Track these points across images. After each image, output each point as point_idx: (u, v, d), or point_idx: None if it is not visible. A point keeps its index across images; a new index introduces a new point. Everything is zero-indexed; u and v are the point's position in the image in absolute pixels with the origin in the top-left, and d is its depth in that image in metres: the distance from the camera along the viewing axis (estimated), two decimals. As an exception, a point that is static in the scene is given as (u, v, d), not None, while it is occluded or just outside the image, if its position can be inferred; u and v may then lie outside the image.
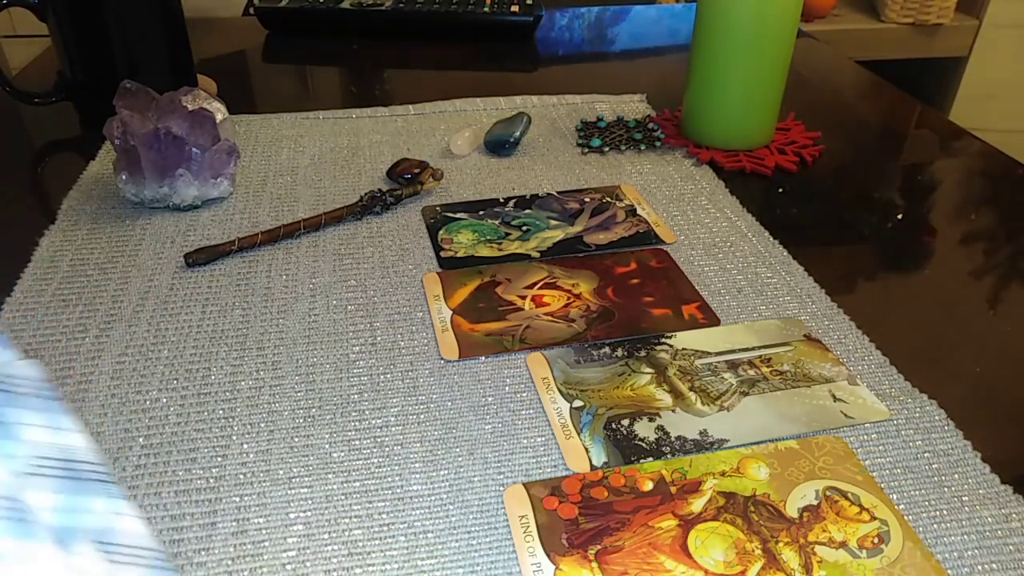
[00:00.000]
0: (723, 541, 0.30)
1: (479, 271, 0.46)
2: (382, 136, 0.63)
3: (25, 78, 0.74)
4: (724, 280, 0.46)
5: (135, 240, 0.49)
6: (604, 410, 0.37)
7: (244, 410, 0.36)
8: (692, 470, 0.34)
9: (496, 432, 0.36)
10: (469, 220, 0.51)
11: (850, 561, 0.30)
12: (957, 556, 0.30)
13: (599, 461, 0.34)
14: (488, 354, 0.40)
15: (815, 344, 0.41)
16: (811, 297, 0.45)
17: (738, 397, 0.37)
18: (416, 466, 0.34)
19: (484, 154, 0.61)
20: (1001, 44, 1.56)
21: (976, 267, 0.49)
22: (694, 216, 0.53)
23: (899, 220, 0.54)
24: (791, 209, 0.55)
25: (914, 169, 0.62)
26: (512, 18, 0.84)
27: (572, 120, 0.66)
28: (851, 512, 0.32)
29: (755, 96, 0.59)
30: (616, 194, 0.55)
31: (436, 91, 0.70)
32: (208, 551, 0.30)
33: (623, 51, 0.85)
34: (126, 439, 0.35)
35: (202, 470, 0.33)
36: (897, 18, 1.52)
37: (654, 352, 0.40)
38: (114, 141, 0.49)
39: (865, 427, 0.36)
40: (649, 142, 0.62)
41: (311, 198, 0.54)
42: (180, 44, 0.63)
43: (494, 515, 0.32)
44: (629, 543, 0.30)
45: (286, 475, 0.33)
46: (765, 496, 0.32)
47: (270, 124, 0.64)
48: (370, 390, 0.38)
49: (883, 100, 0.75)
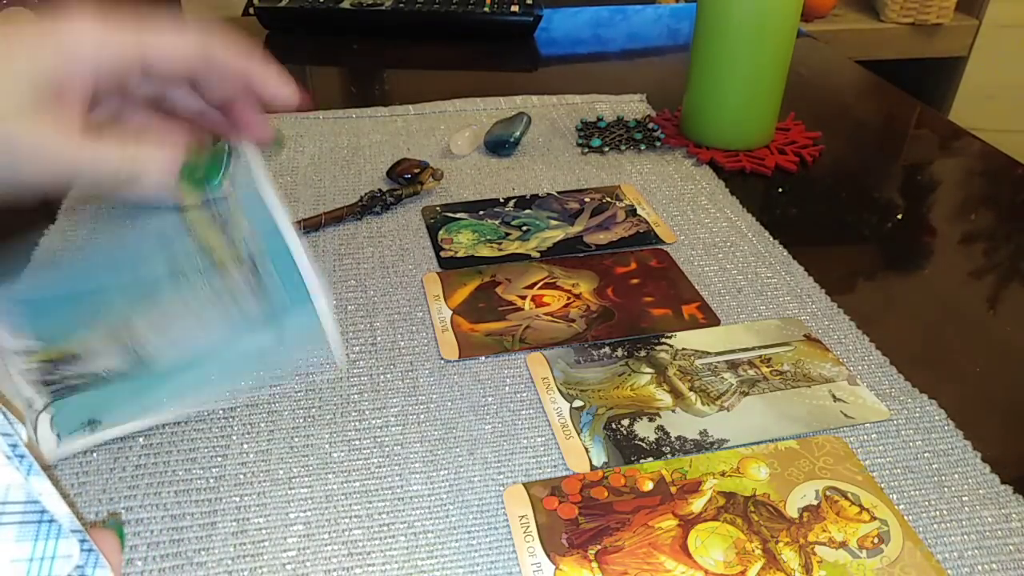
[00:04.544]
0: (723, 541, 0.30)
1: (479, 271, 0.46)
2: (382, 136, 0.63)
3: (25, 78, 0.74)
4: (724, 280, 0.46)
5: (135, 240, 0.49)
6: (604, 410, 0.37)
7: (244, 410, 0.36)
8: (692, 470, 0.34)
9: (496, 432, 0.36)
10: (469, 220, 0.51)
11: (850, 561, 0.30)
12: (957, 556, 0.30)
13: (599, 461, 0.34)
14: (488, 354, 0.40)
15: (815, 344, 0.41)
16: (811, 297, 0.45)
17: (738, 397, 0.37)
18: (416, 466, 0.34)
19: (484, 154, 0.61)
20: (1001, 44, 1.56)
21: (976, 267, 0.49)
22: (694, 216, 0.53)
23: (899, 220, 0.54)
24: (791, 209, 0.55)
25: (914, 169, 0.62)
26: (512, 18, 0.84)
27: (572, 120, 0.66)
28: (851, 512, 0.32)
29: (755, 96, 0.59)
30: (616, 194, 0.55)
31: (436, 91, 0.70)
32: (208, 551, 0.30)
33: (623, 51, 0.85)
34: (126, 439, 0.34)
35: (202, 470, 0.33)
36: (897, 18, 1.52)
37: (654, 352, 0.40)
38: (114, 141, 0.49)
39: (865, 427, 0.36)
40: (649, 142, 0.62)
41: (311, 198, 0.54)
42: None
43: (494, 515, 0.32)
44: (629, 543, 0.30)
45: (286, 475, 0.33)
46: (765, 496, 0.32)
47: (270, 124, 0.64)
48: (370, 390, 0.38)
49: (883, 100, 0.75)
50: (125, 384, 0.32)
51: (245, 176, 0.33)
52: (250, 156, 0.34)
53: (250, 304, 0.32)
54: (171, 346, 0.32)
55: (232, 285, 0.32)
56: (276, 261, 0.32)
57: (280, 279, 0.32)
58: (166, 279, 0.32)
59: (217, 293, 0.32)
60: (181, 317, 0.32)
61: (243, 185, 0.33)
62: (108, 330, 0.32)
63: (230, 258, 0.32)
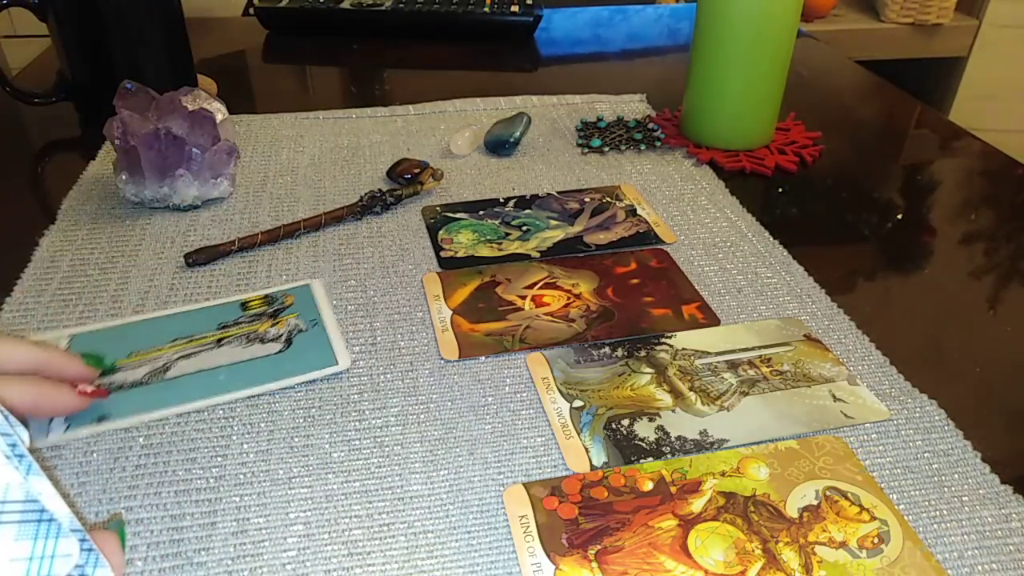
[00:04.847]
0: (723, 541, 0.30)
1: (479, 271, 0.46)
2: (382, 136, 0.63)
3: (25, 78, 0.74)
4: (724, 280, 0.46)
5: (135, 240, 0.49)
6: (604, 410, 0.37)
7: (244, 410, 0.36)
8: (692, 470, 0.34)
9: (496, 432, 0.36)
10: (469, 220, 0.51)
11: (850, 561, 0.30)
12: (957, 556, 0.30)
13: (599, 461, 0.34)
14: (488, 354, 0.40)
15: (815, 344, 0.41)
16: (811, 297, 0.45)
17: (738, 397, 0.37)
18: (416, 466, 0.34)
19: (484, 154, 0.61)
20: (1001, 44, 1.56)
21: (976, 267, 0.49)
22: (694, 216, 0.53)
23: (899, 220, 0.54)
24: (791, 209, 0.55)
25: (914, 169, 0.62)
26: (512, 18, 0.84)
27: (572, 120, 0.66)
28: (851, 512, 0.32)
29: (755, 96, 0.59)
30: (616, 194, 0.55)
31: (436, 91, 0.70)
32: (208, 551, 0.30)
33: (623, 51, 0.85)
34: (126, 439, 0.35)
35: (202, 470, 0.33)
36: (897, 18, 1.52)
37: (654, 352, 0.40)
38: (114, 141, 0.49)
39: (865, 427, 0.36)
40: (649, 142, 0.62)
41: (311, 198, 0.54)
42: (180, 44, 0.63)
43: (494, 515, 0.32)
44: (629, 543, 0.30)
45: (286, 475, 0.33)
46: (765, 496, 0.32)
47: (270, 124, 0.64)
48: (370, 390, 0.38)
49: (883, 100, 0.75)
50: (139, 388, 0.37)
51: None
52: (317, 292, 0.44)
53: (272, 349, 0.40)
54: (192, 367, 0.38)
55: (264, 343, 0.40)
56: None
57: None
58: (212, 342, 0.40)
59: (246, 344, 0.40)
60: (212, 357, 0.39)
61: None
62: (145, 359, 0.38)
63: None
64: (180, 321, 0.41)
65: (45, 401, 0.32)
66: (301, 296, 0.43)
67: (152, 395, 0.36)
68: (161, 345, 0.39)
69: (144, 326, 0.41)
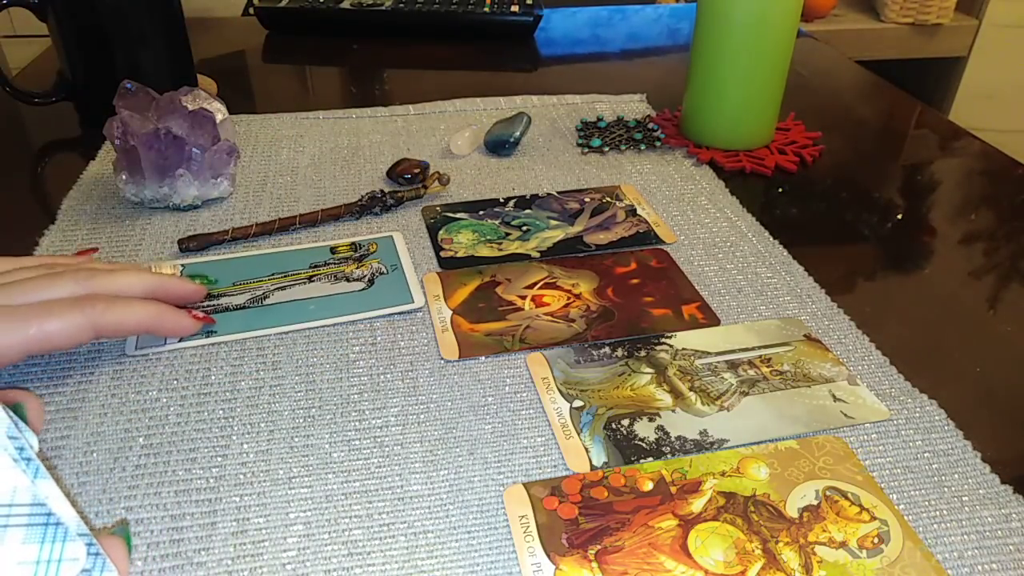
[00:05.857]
0: (723, 541, 0.30)
1: (479, 271, 0.46)
2: (382, 136, 0.63)
3: (25, 78, 0.74)
4: (724, 280, 0.46)
5: (135, 240, 0.49)
6: (604, 410, 0.37)
7: (244, 410, 0.36)
8: (692, 470, 0.34)
9: (496, 432, 0.36)
10: (469, 220, 0.51)
11: (850, 561, 0.30)
12: (957, 556, 0.30)
13: (599, 461, 0.34)
14: (488, 354, 0.40)
15: (815, 344, 0.41)
16: (811, 297, 0.45)
17: (738, 397, 0.37)
18: (416, 466, 0.34)
19: (484, 154, 0.61)
20: (1001, 44, 1.56)
21: (976, 267, 0.49)
22: (694, 216, 0.53)
23: (899, 220, 0.54)
24: (791, 209, 0.55)
25: (914, 169, 0.62)
26: (512, 18, 0.84)
27: (572, 120, 0.66)
28: (851, 512, 0.32)
29: (755, 96, 0.59)
30: (616, 194, 0.55)
31: (436, 91, 0.70)
32: (208, 551, 0.30)
33: (623, 51, 0.85)
34: (126, 439, 0.35)
35: (202, 470, 0.33)
36: (897, 18, 1.52)
37: (654, 352, 0.40)
38: (114, 141, 0.49)
39: (865, 427, 0.36)
40: (649, 142, 0.62)
41: (311, 198, 0.54)
42: (180, 44, 0.63)
43: (494, 515, 0.32)
44: (629, 543, 0.30)
45: (286, 475, 0.33)
46: (765, 496, 0.32)
47: (270, 124, 0.64)
48: (370, 390, 0.38)
49: (883, 100, 0.75)
50: (242, 312, 0.42)
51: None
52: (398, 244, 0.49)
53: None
54: (286, 298, 0.43)
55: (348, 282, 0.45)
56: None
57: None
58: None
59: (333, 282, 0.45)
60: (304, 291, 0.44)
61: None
62: (246, 288, 0.44)
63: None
64: (277, 260, 0.47)
65: (166, 321, 0.38)
66: (384, 245, 0.48)
67: (253, 318, 0.42)
68: (261, 277, 0.45)
69: (246, 261, 0.47)
